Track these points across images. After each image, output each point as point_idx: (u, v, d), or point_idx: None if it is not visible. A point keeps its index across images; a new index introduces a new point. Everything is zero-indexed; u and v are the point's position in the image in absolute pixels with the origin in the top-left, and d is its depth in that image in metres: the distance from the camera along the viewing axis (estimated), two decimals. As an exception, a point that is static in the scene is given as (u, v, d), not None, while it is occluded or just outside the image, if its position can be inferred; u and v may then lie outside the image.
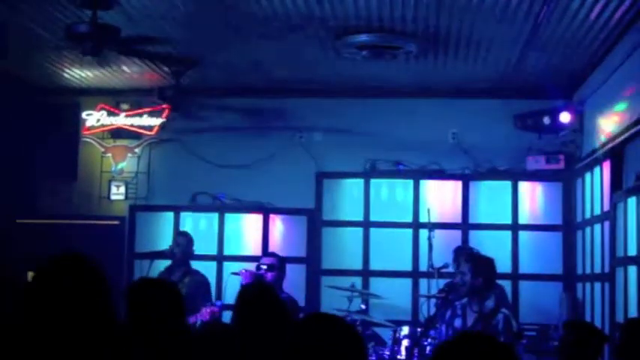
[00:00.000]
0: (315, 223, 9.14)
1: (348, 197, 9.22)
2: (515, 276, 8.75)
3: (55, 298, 2.96)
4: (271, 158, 9.18)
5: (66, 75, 8.59)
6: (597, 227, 7.87)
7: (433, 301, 7.60)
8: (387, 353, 7.20)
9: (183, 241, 7.73)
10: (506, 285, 8.22)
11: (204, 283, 7.47)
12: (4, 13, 6.53)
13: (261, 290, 4.53)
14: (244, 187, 9.19)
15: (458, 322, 5.96)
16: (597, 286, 7.82)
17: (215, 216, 9.23)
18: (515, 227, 8.95)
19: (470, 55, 7.62)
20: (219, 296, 7.90)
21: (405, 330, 7.39)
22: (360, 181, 9.17)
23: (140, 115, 9.13)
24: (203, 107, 9.11)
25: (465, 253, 7.18)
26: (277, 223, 9.24)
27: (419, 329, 7.43)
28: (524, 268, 8.82)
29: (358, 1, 6.17)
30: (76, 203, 9.32)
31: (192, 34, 7.10)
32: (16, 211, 9.36)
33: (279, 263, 7.39)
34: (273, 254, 7.64)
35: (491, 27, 6.75)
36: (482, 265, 6.01)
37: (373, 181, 9.17)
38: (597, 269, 7.81)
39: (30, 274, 8.89)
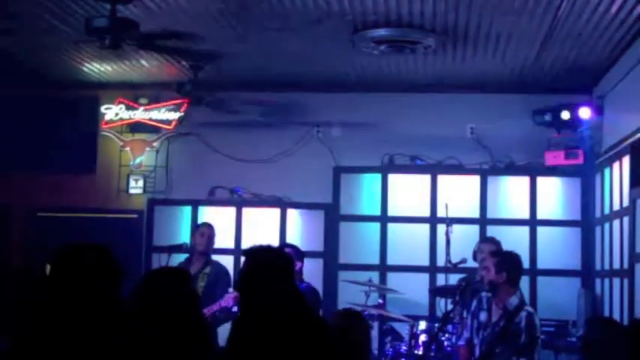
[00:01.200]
0: (332, 217, 9.14)
1: (365, 192, 9.21)
2: (533, 272, 8.71)
3: (70, 285, 3.02)
4: (289, 152, 9.19)
5: (85, 69, 8.62)
6: (616, 223, 7.82)
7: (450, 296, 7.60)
8: (405, 348, 7.20)
9: (208, 231, 7.75)
10: (524, 280, 8.15)
11: (225, 272, 7.51)
12: (24, 7, 6.55)
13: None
14: (262, 181, 9.21)
15: (483, 316, 5.95)
16: (616, 282, 7.78)
17: (233, 210, 9.24)
18: (533, 223, 8.92)
19: (489, 50, 7.59)
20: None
21: (422, 325, 7.39)
22: (378, 176, 9.16)
23: (159, 109, 9.17)
24: (221, 101, 9.12)
25: (488, 248, 7.15)
26: (295, 218, 9.24)
27: (436, 324, 7.43)
28: (542, 263, 8.78)
29: (377, -5, 6.16)
30: (95, 197, 9.36)
31: (211, 28, 7.10)
32: (37, 204, 9.42)
33: (297, 254, 7.39)
34: (289, 245, 7.65)
35: (510, 21, 6.72)
36: (509, 261, 5.98)
37: (391, 176, 9.15)
38: (616, 265, 7.77)
39: (48, 267, 8.88)
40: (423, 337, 7.36)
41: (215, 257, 7.70)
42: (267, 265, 3.90)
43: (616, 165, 7.89)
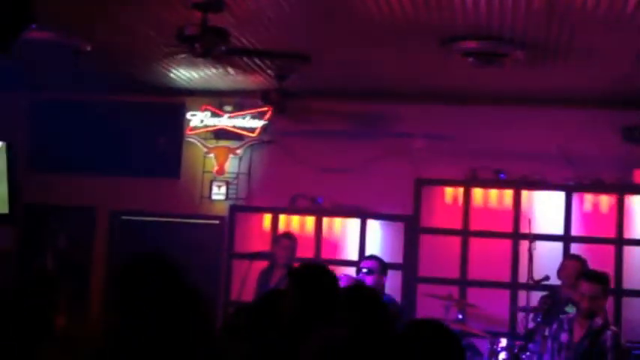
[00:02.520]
0: (412, 229, 9.08)
1: (447, 205, 9.13)
2: (618, 292, 8.51)
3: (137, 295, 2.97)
4: (371, 163, 9.17)
5: (173, 76, 8.75)
6: None
7: (532, 313, 7.47)
8: (484, 365, 7.11)
9: (289, 243, 7.79)
10: (609, 301, 7.99)
11: None
12: (118, 15, 6.68)
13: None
14: (343, 191, 9.21)
15: (564, 337, 5.84)
16: None
17: (313, 219, 9.26)
18: (619, 241, 8.71)
19: (579, 65, 7.45)
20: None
21: (503, 342, 7.30)
22: (460, 189, 9.06)
23: (243, 116, 9.26)
24: (305, 110, 9.16)
25: (578, 267, 7.00)
26: (375, 229, 9.21)
27: (517, 342, 7.32)
28: (628, 283, 8.57)
29: (467, 9, 6.10)
30: (178, 202, 9.49)
31: (299, 37, 7.13)
32: (121, 207, 9.60)
33: (380, 267, 7.37)
34: (374, 257, 7.63)
35: (603, 36, 6.58)
36: (607, 282, 5.87)
37: (473, 189, 9.05)
38: None
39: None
40: (502, 355, 7.26)
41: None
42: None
43: None
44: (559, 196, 8.86)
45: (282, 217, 9.30)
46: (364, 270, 7.26)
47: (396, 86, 8.76)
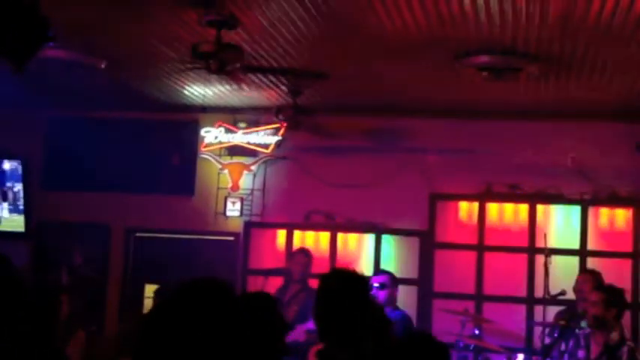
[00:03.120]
0: (427, 244, 9.05)
1: (462, 220, 9.11)
2: (635, 306, 8.46)
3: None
4: (385, 178, 9.16)
5: (187, 92, 8.78)
6: None
7: (548, 328, 7.44)
8: (501, 380, 7.08)
9: (303, 258, 7.79)
10: (626, 315, 7.94)
11: None
12: (133, 32, 6.72)
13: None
14: (357, 206, 9.19)
15: (581, 354, 5.81)
16: None
17: (327, 235, 9.25)
18: (636, 256, 8.66)
19: (593, 78, 7.43)
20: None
21: (520, 358, 7.26)
22: (475, 204, 9.04)
23: (257, 132, 9.26)
24: (319, 126, 9.16)
25: (594, 282, 6.98)
26: (390, 244, 9.19)
27: (533, 357, 7.28)
28: (645, 298, 8.53)
29: (481, 23, 6.10)
30: (192, 218, 9.50)
31: (313, 53, 7.15)
32: (136, 224, 9.62)
33: (391, 281, 7.37)
34: (384, 272, 7.64)
35: (617, 50, 6.56)
36: (617, 296, 5.84)
37: (488, 204, 9.02)
38: None
39: (148, 288, 9.03)
40: (519, 370, 7.22)
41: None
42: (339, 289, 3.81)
43: None
44: (575, 210, 8.83)
45: (296, 233, 9.30)
46: (376, 285, 7.26)
47: (410, 101, 8.76)
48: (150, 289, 9.13)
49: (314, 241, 9.25)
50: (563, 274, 8.03)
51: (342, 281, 3.85)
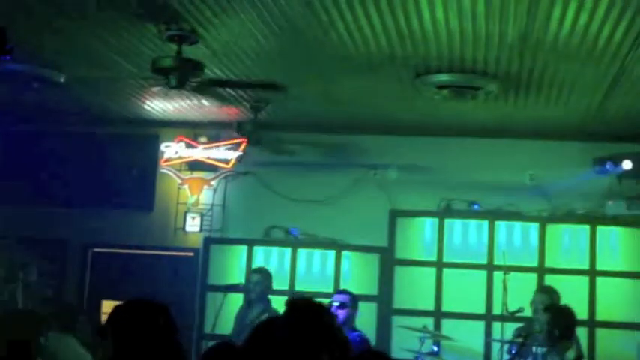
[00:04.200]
0: (387, 261, 9.07)
1: (421, 236, 9.14)
2: (592, 323, 8.54)
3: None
4: (346, 194, 9.17)
5: (147, 107, 8.73)
6: (679, 276, 7.65)
7: (506, 345, 7.48)
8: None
9: (259, 278, 7.77)
10: (583, 332, 8.02)
11: None
12: (92, 46, 6.67)
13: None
14: (318, 222, 9.20)
15: (539, 371, 5.85)
16: (679, 336, 7.59)
17: (288, 251, 9.23)
18: (592, 273, 8.75)
19: (551, 97, 7.52)
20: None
21: (479, 375, 7.27)
22: (435, 221, 9.08)
23: (217, 148, 9.23)
24: (280, 142, 9.16)
25: (542, 300, 7.05)
26: (350, 260, 9.19)
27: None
28: (601, 315, 8.60)
29: (441, 41, 6.14)
30: (152, 234, 9.43)
31: (273, 70, 7.15)
32: (94, 240, 9.52)
33: (352, 301, 7.37)
34: (346, 291, 7.63)
35: (575, 69, 6.65)
36: (561, 314, 5.90)
37: (447, 221, 9.07)
38: (679, 319, 7.58)
39: (105, 304, 8.94)
40: (478, 387, 7.24)
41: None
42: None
43: (680, 216, 7.73)
44: (533, 228, 8.90)
45: (256, 249, 9.27)
46: (336, 303, 7.25)
47: (371, 118, 8.79)
48: (107, 305, 9.03)
49: (274, 256, 9.21)
50: (522, 291, 8.07)
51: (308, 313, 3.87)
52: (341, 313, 7.19)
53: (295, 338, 3.57)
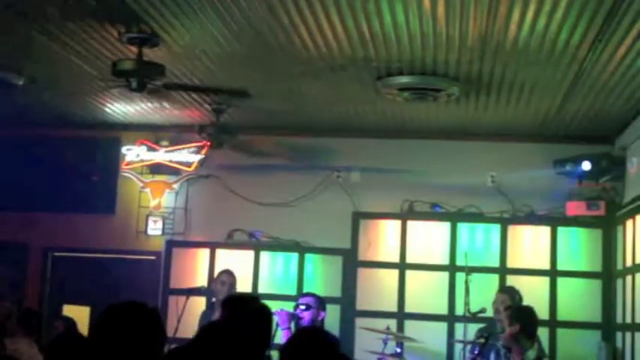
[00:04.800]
0: (350, 263, 9.08)
1: (384, 238, 9.17)
2: (552, 323, 8.62)
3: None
4: (309, 197, 9.17)
5: (108, 110, 8.67)
6: (638, 276, 7.74)
7: (469, 346, 7.53)
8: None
9: (229, 279, 7.75)
10: (544, 332, 8.10)
11: None
12: (52, 49, 6.61)
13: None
14: (281, 225, 9.18)
15: (501, 368, 5.90)
16: (638, 336, 7.68)
17: (251, 253, 9.21)
18: (553, 273, 8.83)
19: (512, 99, 7.59)
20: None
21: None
22: (397, 222, 9.11)
23: (179, 150, 9.18)
24: (242, 144, 9.14)
25: (503, 300, 7.11)
26: (313, 262, 9.19)
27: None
28: (562, 315, 8.69)
29: (402, 44, 6.17)
30: (113, 237, 9.36)
31: (235, 72, 7.14)
32: (55, 244, 9.43)
33: (317, 303, 7.38)
34: (310, 294, 7.64)
35: (534, 71, 6.72)
36: (522, 313, 5.95)
37: (410, 223, 9.10)
38: (638, 319, 7.67)
39: (66, 308, 8.86)
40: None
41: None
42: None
43: (639, 217, 7.83)
44: (494, 229, 8.97)
45: (219, 252, 9.23)
46: (301, 306, 7.26)
47: (334, 120, 8.81)
48: (68, 310, 8.95)
49: (237, 259, 9.17)
50: (484, 292, 8.13)
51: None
52: (306, 315, 7.21)
53: (233, 333, 3.63)
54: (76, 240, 9.37)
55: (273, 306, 7.24)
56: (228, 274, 7.99)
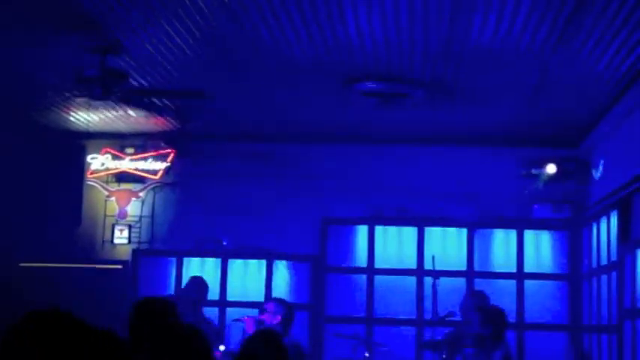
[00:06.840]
0: (319, 269, 9.06)
1: (352, 243, 9.16)
2: (520, 325, 8.65)
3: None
4: (276, 203, 9.15)
5: (72, 118, 8.59)
6: (604, 278, 7.80)
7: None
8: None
9: (199, 286, 7.70)
10: (512, 334, 8.13)
11: (215, 331, 7.43)
12: (14, 57, 6.54)
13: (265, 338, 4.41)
14: (249, 232, 9.14)
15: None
16: (604, 337, 7.73)
17: (218, 261, 9.15)
18: (520, 276, 8.87)
19: (477, 103, 7.62)
20: (221, 342, 7.81)
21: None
22: (365, 227, 9.11)
23: (145, 159, 9.13)
24: (208, 152, 9.10)
25: (474, 302, 7.12)
26: (281, 269, 9.16)
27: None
28: (529, 317, 8.73)
29: (366, 49, 6.18)
30: (79, 247, 9.27)
31: (199, 79, 7.09)
32: (20, 254, 9.30)
33: (284, 309, 7.32)
34: (276, 299, 7.58)
35: (499, 75, 6.75)
36: (492, 315, 5.96)
37: (378, 228, 9.10)
38: (604, 320, 7.73)
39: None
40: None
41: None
42: None
43: (603, 219, 7.89)
44: (462, 233, 8.99)
45: (187, 260, 9.17)
46: (267, 312, 7.20)
47: (301, 126, 8.79)
48: (34, 321, 8.82)
49: (204, 267, 9.12)
50: (452, 295, 8.14)
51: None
52: (266, 319, 7.16)
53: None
54: (41, 250, 9.25)
55: (241, 313, 7.32)
56: (198, 280, 7.96)
